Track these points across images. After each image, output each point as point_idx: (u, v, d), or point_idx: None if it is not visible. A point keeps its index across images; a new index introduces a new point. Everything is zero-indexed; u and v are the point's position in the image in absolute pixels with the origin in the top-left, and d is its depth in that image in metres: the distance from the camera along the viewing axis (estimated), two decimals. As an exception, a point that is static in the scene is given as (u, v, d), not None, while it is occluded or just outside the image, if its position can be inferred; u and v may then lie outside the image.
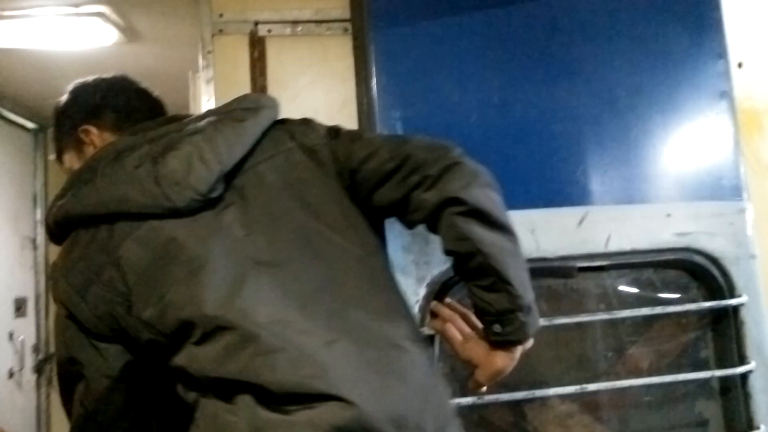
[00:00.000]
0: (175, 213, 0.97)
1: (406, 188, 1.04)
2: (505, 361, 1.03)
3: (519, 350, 1.03)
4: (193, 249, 0.95)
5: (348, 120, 1.84)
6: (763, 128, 1.77)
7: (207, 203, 0.99)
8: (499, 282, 0.97)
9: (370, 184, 1.06)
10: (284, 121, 1.17)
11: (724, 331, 1.64)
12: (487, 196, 1.02)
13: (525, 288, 1.00)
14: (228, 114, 1.09)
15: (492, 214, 1.00)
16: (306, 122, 1.16)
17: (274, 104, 1.17)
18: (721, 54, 1.72)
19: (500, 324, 0.99)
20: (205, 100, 1.81)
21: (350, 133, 1.13)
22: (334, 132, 1.13)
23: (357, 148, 1.08)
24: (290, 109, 1.87)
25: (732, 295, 1.61)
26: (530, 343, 1.03)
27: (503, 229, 1.01)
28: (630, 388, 1.60)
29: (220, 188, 1.01)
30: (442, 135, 1.66)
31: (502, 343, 1.01)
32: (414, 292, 1.57)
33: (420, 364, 0.96)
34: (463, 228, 0.99)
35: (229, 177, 1.03)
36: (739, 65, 1.76)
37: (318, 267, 0.98)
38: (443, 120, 1.66)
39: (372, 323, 0.95)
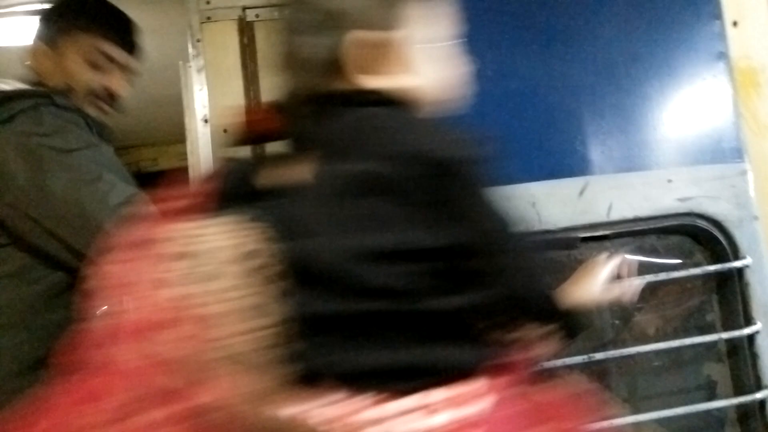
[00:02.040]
0: None
1: None
2: None
3: None
4: None
5: (342, 102, 1.82)
6: (761, 87, 1.74)
7: None
8: None
9: None
10: None
11: (729, 294, 1.65)
12: None
13: None
14: None
15: None
16: None
17: None
18: (717, 14, 1.69)
19: None
20: (197, 90, 1.79)
21: None
22: None
23: None
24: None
25: (736, 258, 1.61)
26: None
27: None
28: (637, 354, 1.60)
29: None
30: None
31: None
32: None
33: None
34: None
35: None
36: (734, 24, 1.73)
37: None
38: (438, 96, 1.64)
39: None
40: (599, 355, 1.57)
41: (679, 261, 1.66)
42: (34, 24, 2.15)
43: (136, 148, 4.20)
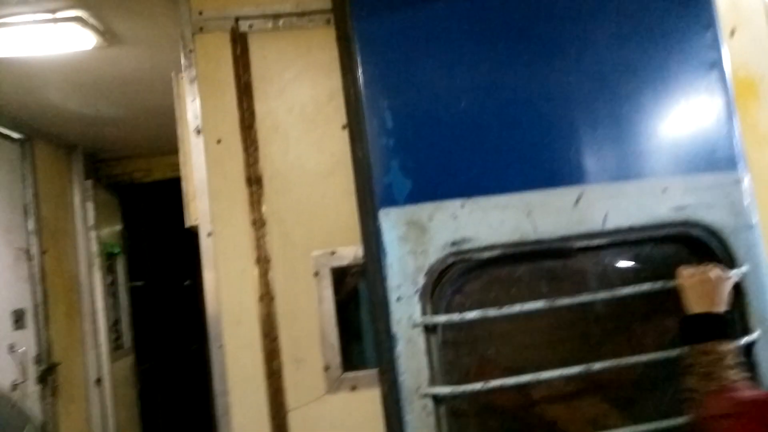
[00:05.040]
0: None
1: None
2: None
3: None
4: None
5: (336, 112, 1.82)
6: (759, 97, 1.74)
7: None
8: None
9: None
10: None
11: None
12: None
13: None
14: None
15: None
16: None
17: None
18: (709, 24, 1.70)
19: None
20: (190, 101, 1.78)
21: None
22: None
23: None
24: (277, 104, 1.86)
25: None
26: None
27: None
28: (635, 365, 1.59)
29: None
30: (432, 122, 1.66)
31: None
32: (413, 282, 1.56)
33: None
34: None
35: None
36: (731, 33, 1.74)
37: None
38: (432, 107, 1.64)
39: None
40: (597, 366, 1.55)
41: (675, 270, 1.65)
42: (12, 34, 2.15)
43: (129, 158, 4.19)
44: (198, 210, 1.75)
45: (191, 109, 1.80)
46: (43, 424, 3.15)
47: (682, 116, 1.68)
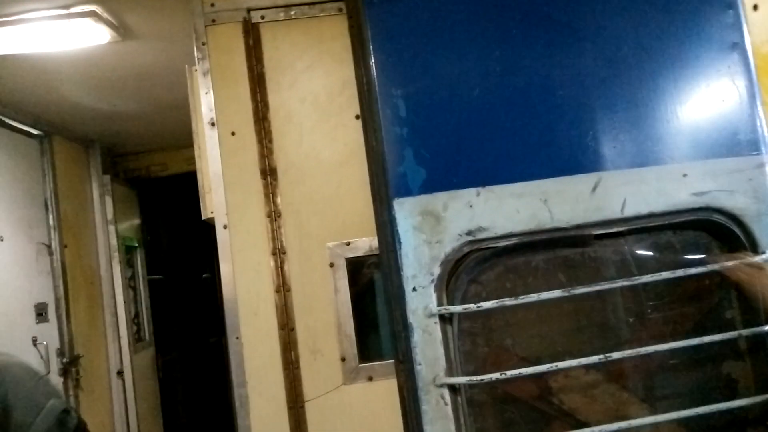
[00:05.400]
0: None
1: None
2: None
3: None
4: None
5: (349, 102, 1.81)
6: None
7: None
8: None
9: None
10: None
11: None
12: None
13: None
14: None
15: None
16: None
17: None
18: (731, 4, 1.65)
19: None
20: (204, 93, 1.79)
21: None
22: None
23: None
24: (290, 95, 1.85)
25: (755, 252, 1.56)
26: None
27: None
28: (654, 353, 1.57)
29: None
30: (446, 110, 1.64)
31: None
32: (428, 272, 1.55)
33: None
34: None
35: None
36: (755, 8, 1.69)
37: None
38: (446, 95, 1.62)
39: None
40: (616, 355, 1.53)
41: (696, 257, 1.62)
42: (27, 30, 2.17)
43: (146, 153, 4.22)
44: (213, 202, 1.76)
45: (205, 101, 1.80)
46: (68, 403, 3.20)
47: (702, 99, 1.64)
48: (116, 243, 3.82)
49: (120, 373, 3.74)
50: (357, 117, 1.77)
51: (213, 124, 1.79)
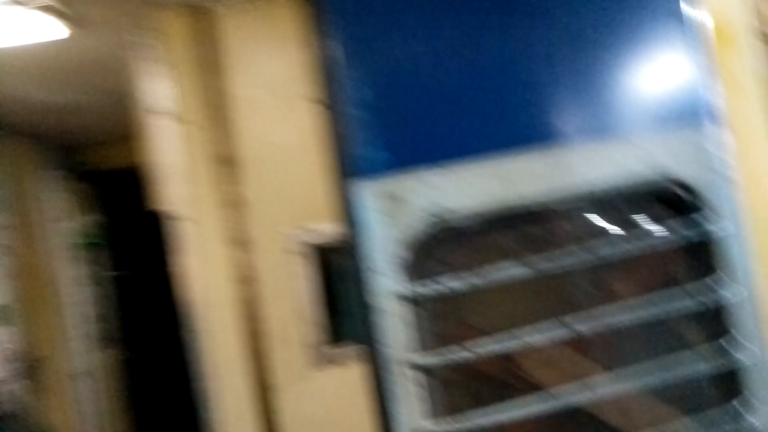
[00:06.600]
0: None
1: None
2: None
3: None
4: None
5: (307, 86, 1.78)
6: (738, 44, 1.71)
7: None
8: None
9: None
10: None
11: (707, 260, 1.64)
12: None
13: None
14: None
15: None
16: None
17: None
18: (681, -27, 1.67)
19: None
20: (155, 81, 1.73)
21: None
22: None
23: None
24: (245, 81, 1.82)
25: (712, 223, 1.60)
26: None
27: None
28: (618, 323, 1.60)
29: None
30: (405, 89, 1.62)
31: None
32: (394, 254, 1.54)
33: None
34: None
35: None
36: (710, -25, 1.70)
37: None
38: (407, 73, 1.61)
39: None
40: (580, 327, 1.56)
41: (655, 229, 1.65)
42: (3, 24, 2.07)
43: (103, 146, 4.11)
44: (168, 194, 1.72)
45: (154, 90, 1.75)
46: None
47: (654, 70, 1.66)
48: (73, 241, 3.73)
49: (83, 373, 3.66)
50: (316, 101, 1.75)
51: (163, 114, 1.75)
